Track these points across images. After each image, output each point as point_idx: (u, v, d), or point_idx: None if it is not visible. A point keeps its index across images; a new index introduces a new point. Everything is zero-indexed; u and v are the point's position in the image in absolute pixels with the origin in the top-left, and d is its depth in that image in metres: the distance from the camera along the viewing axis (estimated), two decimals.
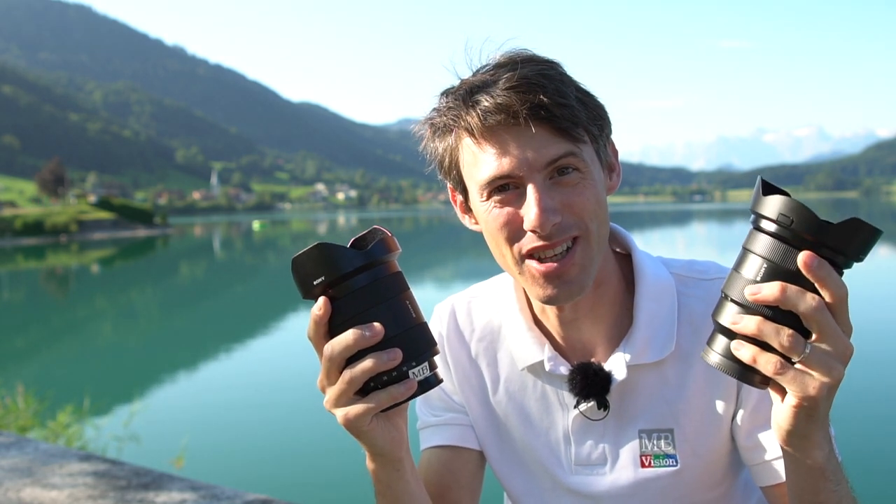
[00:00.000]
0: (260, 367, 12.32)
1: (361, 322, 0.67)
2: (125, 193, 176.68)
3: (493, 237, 0.86)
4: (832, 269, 0.60)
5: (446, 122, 0.85)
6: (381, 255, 0.68)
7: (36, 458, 3.11)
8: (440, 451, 0.99)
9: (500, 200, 0.83)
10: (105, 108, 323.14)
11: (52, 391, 6.60)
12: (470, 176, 0.86)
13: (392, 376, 0.69)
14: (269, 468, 6.88)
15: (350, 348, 0.67)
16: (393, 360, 0.67)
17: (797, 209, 0.60)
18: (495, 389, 1.00)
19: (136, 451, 5.75)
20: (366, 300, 0.68)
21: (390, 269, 0.70)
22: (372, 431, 0.73)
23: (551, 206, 0.80)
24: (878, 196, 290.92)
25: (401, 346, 0.68)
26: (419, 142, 0.89)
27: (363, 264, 0.67)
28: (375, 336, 0.67)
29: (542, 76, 0.80)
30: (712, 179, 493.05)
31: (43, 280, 34.62)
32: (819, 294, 0.61)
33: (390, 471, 0.78)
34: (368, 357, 0.68)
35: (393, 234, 0.70)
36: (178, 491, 2.63)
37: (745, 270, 0.64)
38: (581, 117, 0.81)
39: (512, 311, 0.99)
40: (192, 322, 19.86)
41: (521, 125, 0.79)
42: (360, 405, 0.70)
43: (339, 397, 0.71)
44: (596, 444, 0.94)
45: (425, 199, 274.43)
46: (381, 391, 0.69)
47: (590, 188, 0.83)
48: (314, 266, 0.67)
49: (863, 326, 8.74)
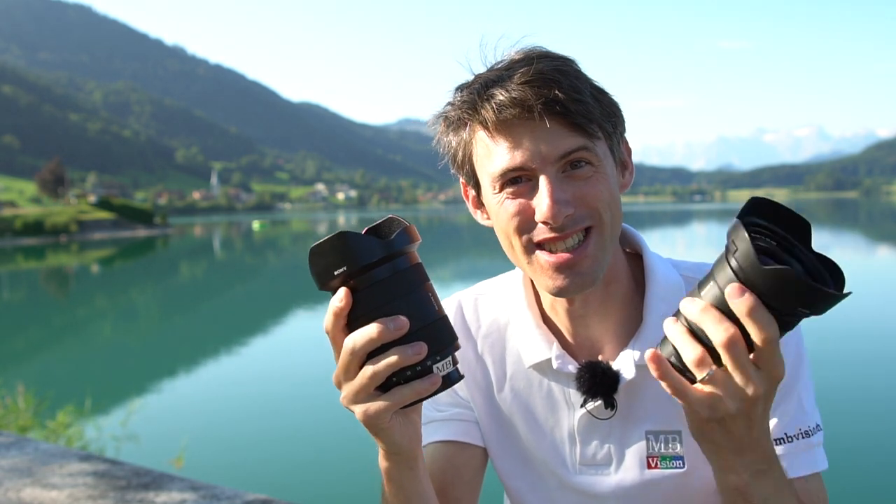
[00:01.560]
0: (260, 366, 12.32)
1: (383, 315, 0.65)
2: (125, 193, 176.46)
3: (504, 228, 0.86)
4: (760, 307, 0.59)
5: (460, 116, 0.86)
6: (403, 245, 0.66)
7: (36, 458, 3.11)
8: (444, 447, 0.98)
9: (512, 192, 0.83)
10: (105, 108, 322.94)
11: (52, 391, 6.60)
12: (483, 169, 0.86)
13: (416, 371, 0.66)
14: (269, 468, 6.88)
15: (374, 342, 0.65)
16: (418, 354, 0.65)
17: (743, 240, 0.59)
18: (501, 387, 1.00)
19: (135, 451, 5.75)
20: (388, 292, 0.65)
21: (412, 260, 0.68)
22: (391, 428, 0.71)
23: (564, 198, 0.80)
24: (878, 196, 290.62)
25: (424, 340, 0.66)
26: (419, 142, 1.19)
27: (386, 255, 0.65)
28: (401, 329, 0.65)
29: (557, 71, 0.80)
30: (712, 179, 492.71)
31: (43, 280, 34.61)
32: (743, 326, 0.61)
33: (405, 469, 0.76)
34: (393, 351, 0.65)
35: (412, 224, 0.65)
36: (178, 491, 2.63)
37: (705, 281, 0.65)
38: (595, 113, 0.82)
39: (520, 309, 0.98)
40: (192, 322, 19.85)
41: (536, 119, 0.79)
42: (381, 401, 0.67)
43: (359, 393, 0.68)
44: (602, 444, 0.94)
45: (425, 199, 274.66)
46: (405, 386, 0.67)
47: (602, 181, 0.83)
48: (336, 255, 0.64)
49: (863, 326, 8.68)
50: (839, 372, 9.65)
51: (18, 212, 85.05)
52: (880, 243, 39.24)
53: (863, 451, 6.97)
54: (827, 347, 10.68)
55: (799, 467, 0.85)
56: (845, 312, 14.51)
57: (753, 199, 0.63)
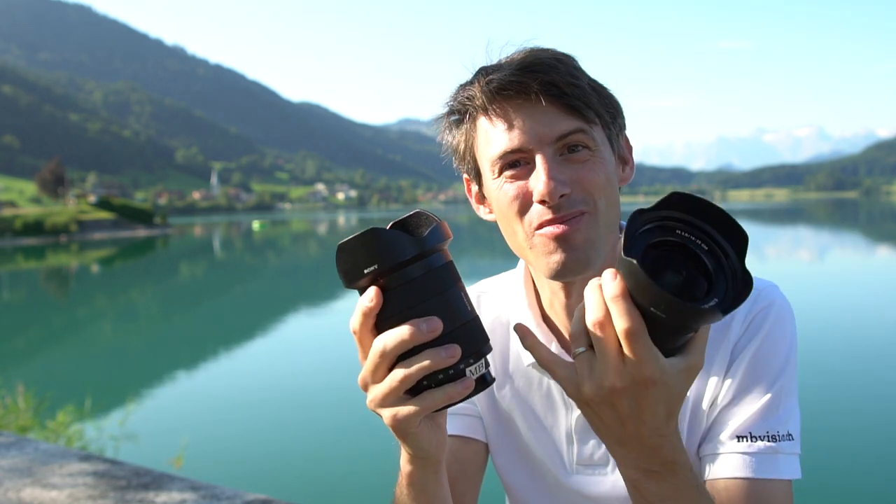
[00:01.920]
0: (260, 366, 12.32)
1: (416, 315, 0.62)
2: (125, 193, 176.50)
3: (504, 213, 0.86)
4: (623, 296, 0.58)
5: (462, 102, 0.87)
6: (437, 242, 0.63)
7: (36, 458, 3.11)
8: (450, 441, 0.98)
9: (511, 176, 0.84)
10: (105, 108, 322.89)
11: (52, 391, 6.60)
12: (483, 155, 0.88)
13: (448, 374, 0.63)
14: (269, 468, 6.88)
15: (406, 343, 0.62)
16: (452, 357, 0.62)
17: (630, 225, 0.59)
18: (502, 384, 1.00)
19: (135, 451, 5.75)
20: (421, 291, 0.62)
21: (445, 258, 0.65)
22: (419, 433, 0.68)
23: (560, 178, 0.81)
24: (877, 196, 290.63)
25: (457, 342, 0.63)
26: (419, 142, 1.13)
27: (420, 252, 0.62)
28: (434, 331, 0.62)
29: (555, 59, 0.83)
30: (712, 179, 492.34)
31: (43, 280, 34.61)
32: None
33: (429, 473, 0.74)
34: (425, 354, 0.62)
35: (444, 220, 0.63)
36: (178, 491, 2.63)
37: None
38: (592, 100, 0.83)
39: (520, 307, 0.99)
40: (191, 322, 19.85)
41: (533, 101, 0.81)
42: (411, 405, 0.64)
43: (388, 396, 0.65)
44: (598, 445, 0.93)
45: (425, 199, 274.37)
46: (437, 390, 0.64)
47: (599, 166, 0.83)
48: (366, 252, 0.61)
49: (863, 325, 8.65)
50: (839, 372, 9.65)
51: (18, 212, 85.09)
52: (880, 243, 39.24)
53: (864, 451, 6.96)
54: (827, 348, 10.68)
55: (757, 469, 0.82)
56: (846, 312, 14.54)
57: (673, 194, 0.61)
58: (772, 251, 31.21)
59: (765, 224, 63.12)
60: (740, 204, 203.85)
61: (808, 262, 27.11)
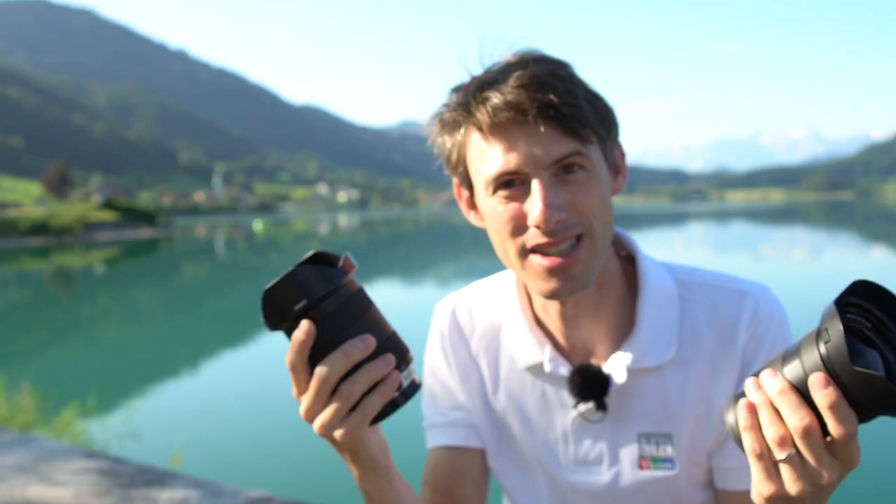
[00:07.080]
0: (261, 365, 12.35)
1: (347, 338, 0.66)
2: (129, 194, 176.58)
3: (498, 232, 0.86)
4: (843, 403, 0.57)
5: (455, 118, 0.86)
6: (351, 269, 0.68)
7: (40, 455, 3.13)
8: (447, 451, 0.99)
9: (505, 196, 0.84)
10: (109, 110, 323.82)
11: (57, 389, 6.63)
12: (477, 171, 0.87)
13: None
14: (271, 465, 6.91)
15: (348, 363, 0.66)
16: (388, 365, 0.66)
17: (836, 333, 0.56)
18: (495, 388, 1.01)
19: (139, 449, 5.78)
20: (347, 316, 0.66)
21: (358, 283, 0.70)
22: (368, 444, 0.74)
23: (556, 203, 0.80)
24: (872, 197, 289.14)
25: (388, 353, 0.68)
26: (420, 144, 0.86)
27: (341, 281, 0.66)
28: (370, 347, 0.66)
29: (552, 75, 0.81)
30: (709, 181, 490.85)
31: (48, 280, 34.74)
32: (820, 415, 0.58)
33: (383, 483, 0.77)
34: (364, 368, 0.66)
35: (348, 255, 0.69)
36: (182, 488, 2.66)
37: (790, 356, 0.61)
38: (589, 118, 0.82)
39: (513, 311, 0.99)
40: (195, 321, 19.91)
41: (530, 123, 0.80)
42: (355, 417, 0.68)
43: (335, 416, 0.68)
44: (594, 444, 0.95)
45: (426, 200, 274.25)
46: (372, 394, 0.67)
47: (595, 188, 0.83)
48: (297, 290, 0.65)
49: None
50: None
51: (24, 212, 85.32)
52: (874, 244, 39.08)
53: (863, 451, 6.94)
54: None
55: (747, 481, 0.82)
56: None
57: (856, 282, 0.59)
58: (768, 251, 31.23)
59: (761, 225, 63.00)
60: (737, 205, 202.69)
61: (804, 263, 27.04)
